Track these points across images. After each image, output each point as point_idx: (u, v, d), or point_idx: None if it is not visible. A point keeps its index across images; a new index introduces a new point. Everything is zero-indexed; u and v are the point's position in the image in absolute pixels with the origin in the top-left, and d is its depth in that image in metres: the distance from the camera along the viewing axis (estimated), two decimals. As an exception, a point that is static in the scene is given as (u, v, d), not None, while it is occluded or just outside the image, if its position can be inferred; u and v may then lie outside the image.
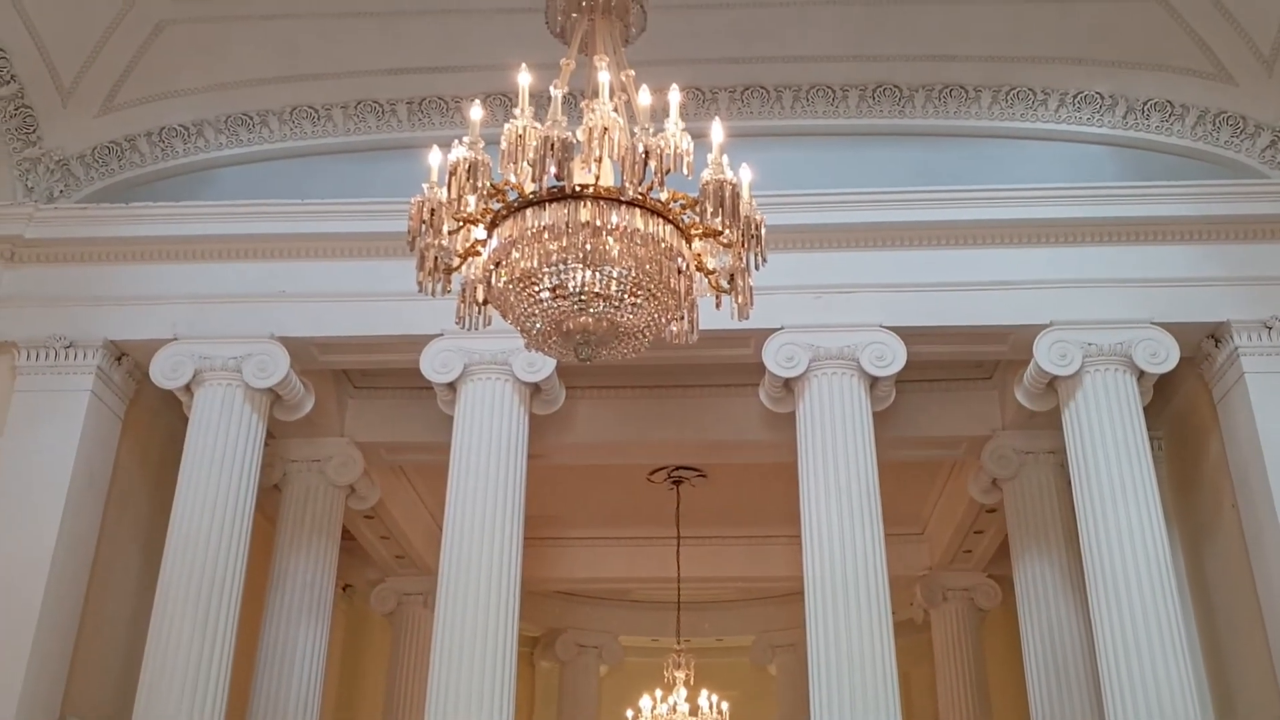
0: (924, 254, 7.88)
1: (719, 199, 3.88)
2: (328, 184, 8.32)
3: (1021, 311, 7.73)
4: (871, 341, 7.71)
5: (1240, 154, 7.96)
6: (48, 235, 8.09)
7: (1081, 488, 7.45)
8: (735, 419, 9.01)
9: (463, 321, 4.31)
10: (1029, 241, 7.85)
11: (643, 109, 4.00)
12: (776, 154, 7.77)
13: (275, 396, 8.09)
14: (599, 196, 3.86)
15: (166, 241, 8.11)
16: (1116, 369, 7.58)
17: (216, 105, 8.38)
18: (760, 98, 8.31)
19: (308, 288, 8.00)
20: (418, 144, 5.78)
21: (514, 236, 3.92)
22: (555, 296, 3.92)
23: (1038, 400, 8.05)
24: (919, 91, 8.26)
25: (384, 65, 8.20)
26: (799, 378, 7.75)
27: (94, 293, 8.04)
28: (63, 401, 7.76)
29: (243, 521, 7.65)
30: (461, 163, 3.87)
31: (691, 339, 4.39)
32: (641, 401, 9.22)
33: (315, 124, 8.49)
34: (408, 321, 7.76)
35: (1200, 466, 8.21)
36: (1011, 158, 8.21)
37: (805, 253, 7.77)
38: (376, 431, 9.48)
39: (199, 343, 7.91)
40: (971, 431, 9.20)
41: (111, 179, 8.49)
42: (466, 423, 7.75)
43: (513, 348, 7.48)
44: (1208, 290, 7.67)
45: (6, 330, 7.95)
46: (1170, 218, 7.76)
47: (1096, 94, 8.12)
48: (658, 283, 3.96)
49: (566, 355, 4.14)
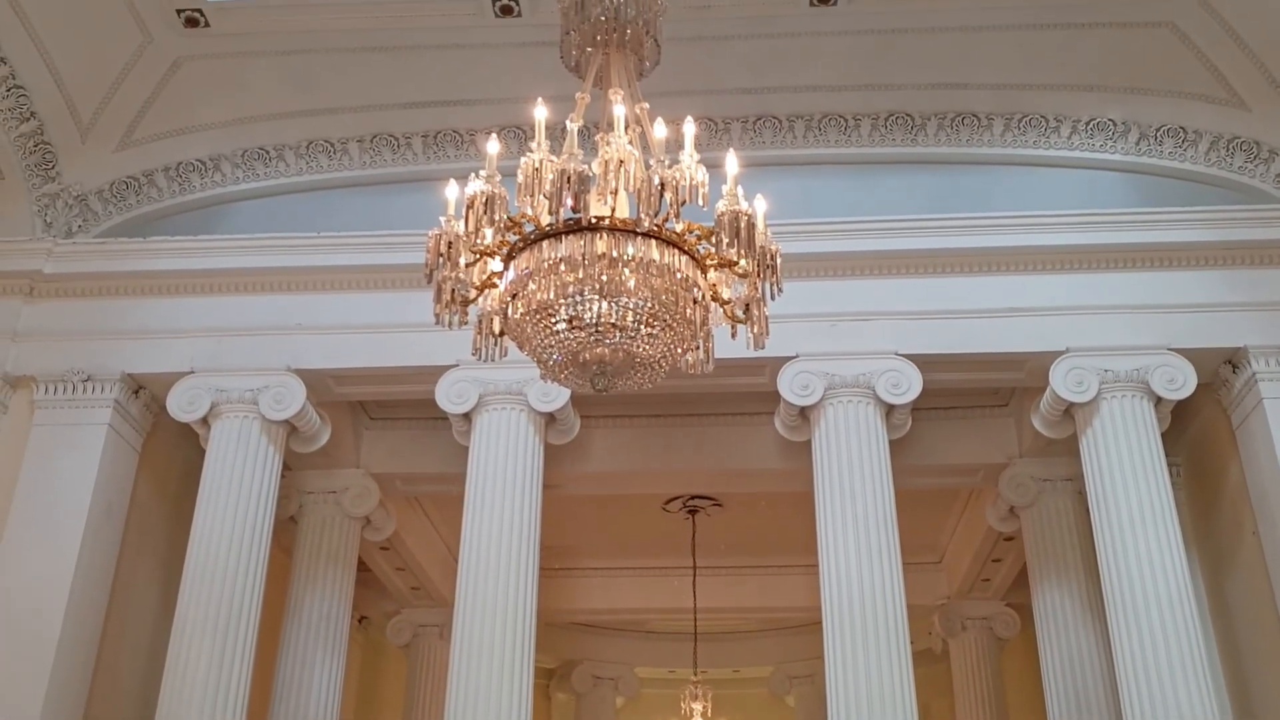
0: (939, 281, 7.88)
1: (734, 230, 3.90)
2: (344, 217, 8.38)
3: (1037, 338, 7.71)
4: (887, 369, 7.70)
5: (1254, 179, 7.95)
6: (66, 270, 8.16)
7: (1100, 515, 7.40)
8: (751, 448, 8.99)
9: (479, 353, 4.32)
10: (1044, 268, 7.84)
11: (658, 141, 4.02)
12: (790, 183, 7.81)
13: (291, 428, 8.11)
14: (615, 228, 3.87)
15: (184, 275, 8.17)
16: (1134, 395, 7.55)
17: (233, 140, 8.46)
18: (773, 127, 8.35)
19: (324, 320, 8.04)
20: (433, 176, 5.84)
21: (530, 268, 3.94)
22: (571, 328, 3.93)
23: (1055, 427, 8.01)
24: (931, 120, 8.29)
25: (399, 99, 8.28)
26: (814, 406, 7.73)
27: (111, 326, 8.09)
28: (80, 435, 7.80)
29: (259, 553, 7.65)
30: (479, 196, 3.89)
31: (707, 369, 4.40)
32: (656, 430, 9.21)
33: (331, 157, 8.57)
34: (423, 352, 7.79)
35: (1220, 492, 8.15)
36: (1025, 185, 8.22)
37: (819, 281, 7.77)
38: (392, 463, 9.49)
39: (216, 375, 7.95)
40: (988, 459, 9.16)
41: (129, 214, 8.56)
42: (481, 453, 7.75)
43: (528, 378, 7.49)
44: (1224, 315, 7.64)
45: (25, 364, 8.00)
46: (1185, 243, 7.75)
47: (1109, 120, 8.13)
48: (673, 313, 3.97)
49: (583, 386, 4.15)
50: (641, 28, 4.50)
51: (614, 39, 4.46)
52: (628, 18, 4.47)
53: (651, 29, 4.53)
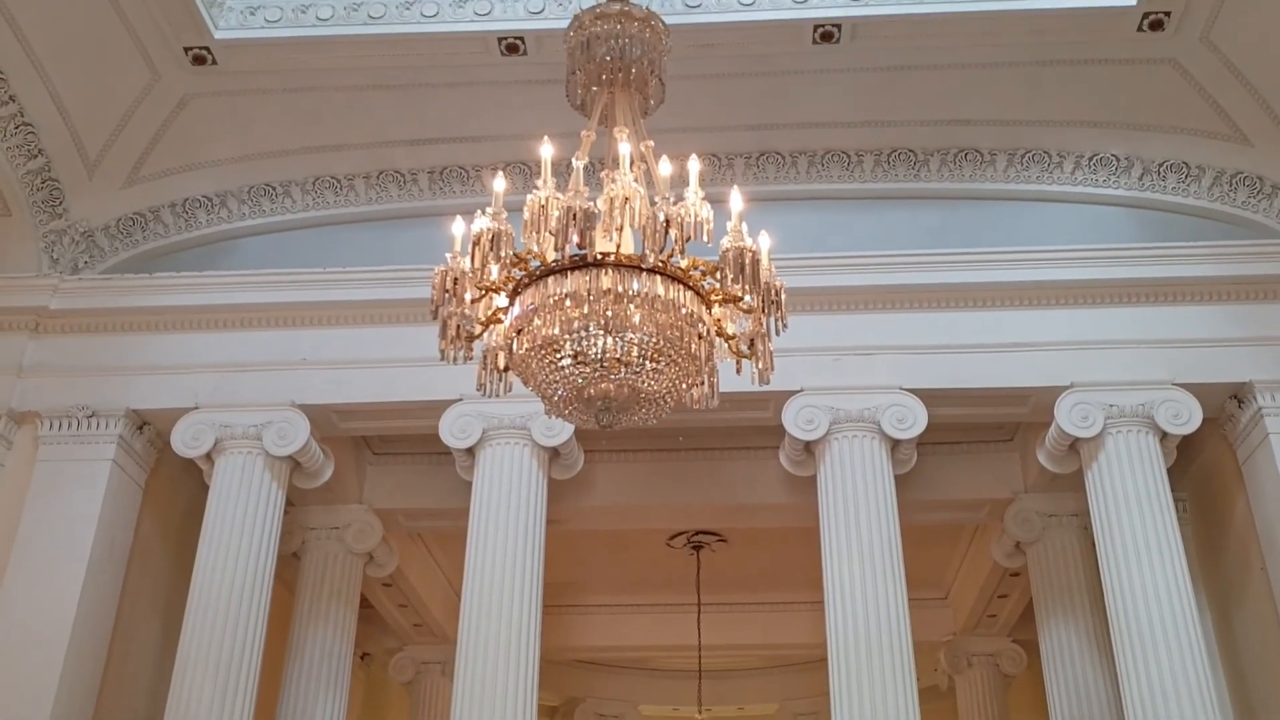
0: (943, 316, 7.89)
1: (739, 266, 3.92)
2: (350, 252, 8.41)
3: (1042, 373, 7.71)
4: (892, 404, 7.69)
5: (1258, 214, 7.97)
6: (72, 306, 8.19)
7: (1106, 550, 7.36)
8: (755, 482, 8.97)
9: (484, 389, 4.32)
10: (1048, 303, 7.85)
11: (662, 178, 4.05)
12: (793, 217, 7.84)
13: (295, 464, 8.11)
14: (620, 264, 3.89)
15: (189, 311, 8.19)
16: (1139, 430, 7.53)
17: (240, 176, 8.51)
18: (776, 163, 8.40)
19: (328, 355, 8.06)
20: (439, 212, 5.87)
21: (536, 304, 3.96)
22: (577, 363, 3.94)
23: (1060, 462, 7.99)
24: (934, 155, 8.33)
25: (406, 136, 8.33)
26: (819, 440, 7.72)
27: (117, 362, 8.11)
28: (84, 470, 7.79)
29: (262, 590, 7.62)
30: (485, 233, 3.91)
31: (712, 404, 4.39)
32: (660, 465, 9.19)
33: (338, 194, 8.61)
34: (427, 387, 7.79)
35: (1226, 528, 8.11)
36: (1029, 220, 8.25)
37: (824, 315, 7.78)
38: (395, 498, 9.46)
39: (220, 411, 7.95)
40: (994, 494, 9.13)
41: (135, 250, 8.60)
42: (485, 488, 7.73)
43: (531, 412, 7.49)
44: (1229, 350, 7.64)
45: (30, 400, 8.01)
46: (1190, 278, 7.77)
47: (1112, 156, 8.17)
48: (678, 348, 3.98)
49: (588, 422, 4.15)
50: (646, 67, 4.53)
51: (619, 78, 4.50)
52: (633, 57, 4.50)
53: (656, 68, 4.56)
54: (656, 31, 4.57)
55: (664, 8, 7.01)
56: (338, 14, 7.71)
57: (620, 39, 4.49)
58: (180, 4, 7.32)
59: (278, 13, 7.73)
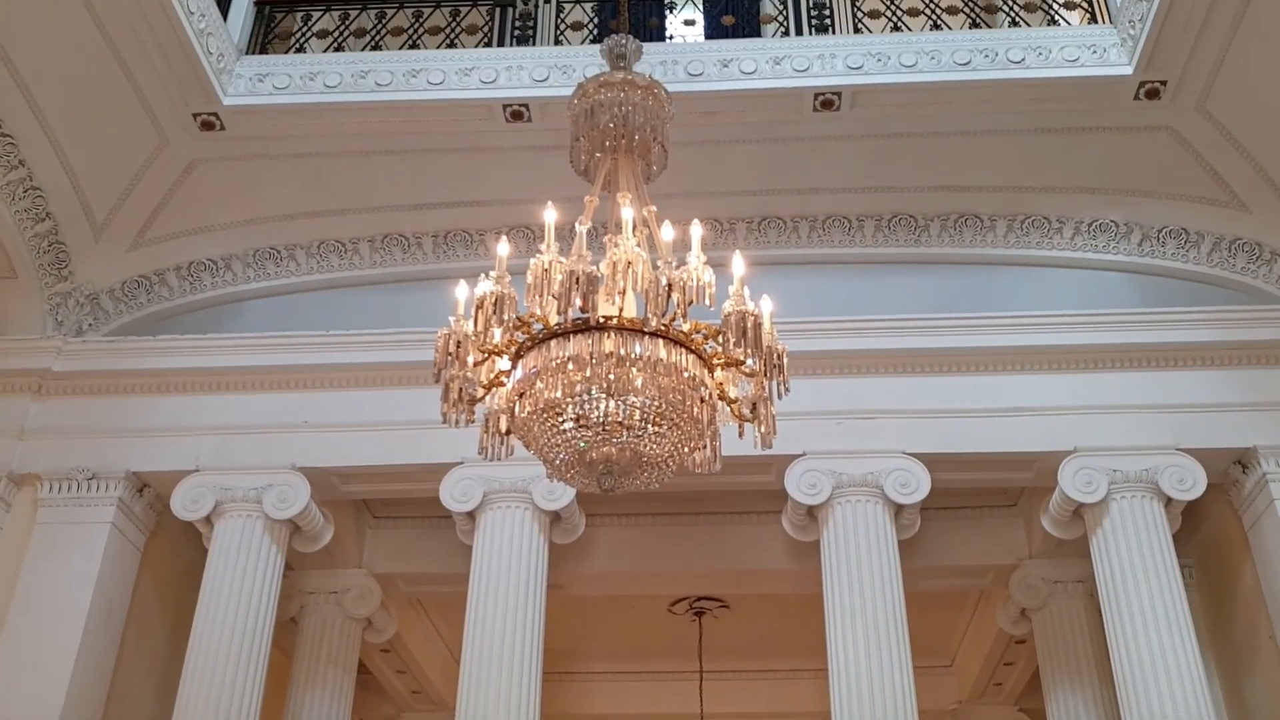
0: (945, 380, 7.89)
1: (741, 329, 3.93)
2: (353, 315, 8.44)
3: (1045, 438, 7.69)
4: (895, 468, 7.66)
5: (1257, 280, 8.00)
6: (75, 368, 8.19)
7: (1112, 618, 7.29)
8: (758, 548, 8.91)
9: (485, 452, 4.31)
10: (1050, 368, 7.85)
11: (665, 243, 4.08)
12: (794, 281, 7.88)
13: (295, 527, 8.06)
14: (623, 328, 3.91)
15: (192, 373, 8.19)
16: (1143, 496, 7.49)
17: (245, 240, 8.57)
18: (777, 228, 8.46)
19: (330, 418, 8.05)
20: (443, 275, 5.90)
21: (538, 367, 3.97)
22: (578, 426, 3.94)
23: (1065, 528, 7.94)
24: (934, 221, 8.39)
25: (410, 200, 8.40)
26: (822, 505, 7.68)
27: (118, 424, 8.09)
28: (83, 534, 7.74)
29: (259, 655, 7.53)
30: (488, 296, 3.94)
31: (715, 468, 4.38)
32: (662, 529, 9.13)
33: (342, 257, 8.67)
34: (428, 450, 7.76)
35: (1234, 595, 8.03)
36: (1029, 285, 8.28)
37: (826, 379, 7.78)
38: (395, 562, 9.40)
39: (220, 474, 7.92)
40: (998, 560, 9.06)
41: (139, 312, 8.63)
42: (485, 552, 7.68)
43: (533, 475, 7.45)
44: (1233, 415, 7.63)
45: (31, 462, 7.98)
46: (1191, 343, 7.78)
47: (1111, 222, 8.23)
48: (681, 412, 3.98)
49: (590, 486, 4.13)
50: (649, 134, 4.59)
51: (622, 145, 4.55)
52: (636, 124, 4.56)
53: (659, 135, 4.62)
54: (659, 99, 4.63)
55: (667, 76, 7.12)
56: (345, 81, 7.83)
57: (624, 106, 4.55)
58: (190, 71, 7.43)
59: (286, 80, 7.85)
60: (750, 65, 7.73)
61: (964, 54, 7.64)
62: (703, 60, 7.79)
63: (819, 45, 7.82)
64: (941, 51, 7.68)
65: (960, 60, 7.62)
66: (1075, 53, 7.56)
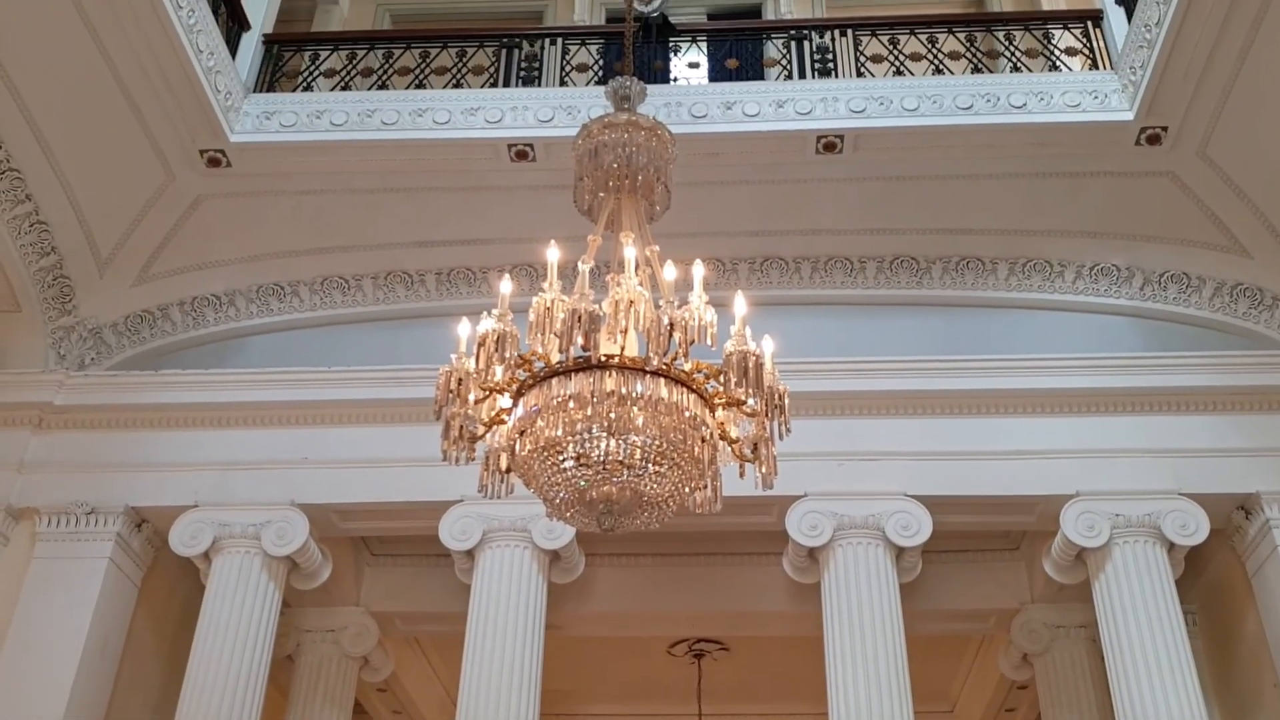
0: (947, 422, 7.88)
1: (742, 369, 3.93)
2: (356, 351, 8.44)
3: (1047, 481, 7.66)
4: (897, 510, 7.63)
5: (1259, 325, 8.01)
6: (77, 402, 8.19)
7: (1115, 664, 7.23)
8: (758, 589, 8.85)
9: (485, 490, 4.30)
10: (1052, 411, 7.84)
11: (667, 282, 4.09)
12: (795, 321, 7.88)
13: (293, 564, 8.02)
14: (624, 366, 3.90)
15: (193, 408, 8.19)
16: (1146, 541, 7.45)
17: (249, 276, 8.60)
18: (779, 268, 8.48)
19: (330, 454, 8.03)
20: (445, 313, 5.92)
21: (539, 405, 3.96)
22: (579, 465, 3.93)
23: (1067, 572, 7.89)
24: (936, 263, 8.41)
25: (414, 238, 8.44)
26: (823, 547, 7.64)
27: (118, 459, 8.08)
28: (80, 569, 7.70)
29: (255, 693, 7.47)
30: (490, 334, 3.94)
31: (715, 508, 4.35)
32: (662, 570, 9.08)
33: (345, 294, 8.69)
34: (428, 487, 7.73)
35: (1238, 642, 7.96)
36: (1031, 328, 8.29)
37: (827, 419, 7.76)
38: (392, 601, 9.34)
39: (219, 509, 7.89)
40: (1000, 604, 9.00)
41: (142, 347, 8.63)
42: (483, 592, 7.63)
43: (532, 514, 7.41)
44: (1235, 461, 7.60)
45: (30, 496, 7.95)
46: (1194, 388, 7.77)
47: (1113, 266, 8.25)
48: (681, 451, 3.97)
49: (589, 525, 4.11)
50: (652, 174, 4.60)
51: (625, 185, 4.56)
52: (639, 164, 4.57)
53: (662, 175, 4.63)
54: (663, 140, 4.65)
55: (671, 118, 7.18)
56: (351, 120, 7.90)
57: (627, 147, 4.56)
58: (198, 109, 7.50)
59: (293, 118, 7.93)
60: (753, 108, 7.80)
61: (966, 98, 7.71)
62: (706, 102, 7.86)
63: (822, 89, 7.89)
64: (943, 96, 7.74)
65: (962, 105, 7.69)
66: (1077, 98, 7.63)
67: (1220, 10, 6.62)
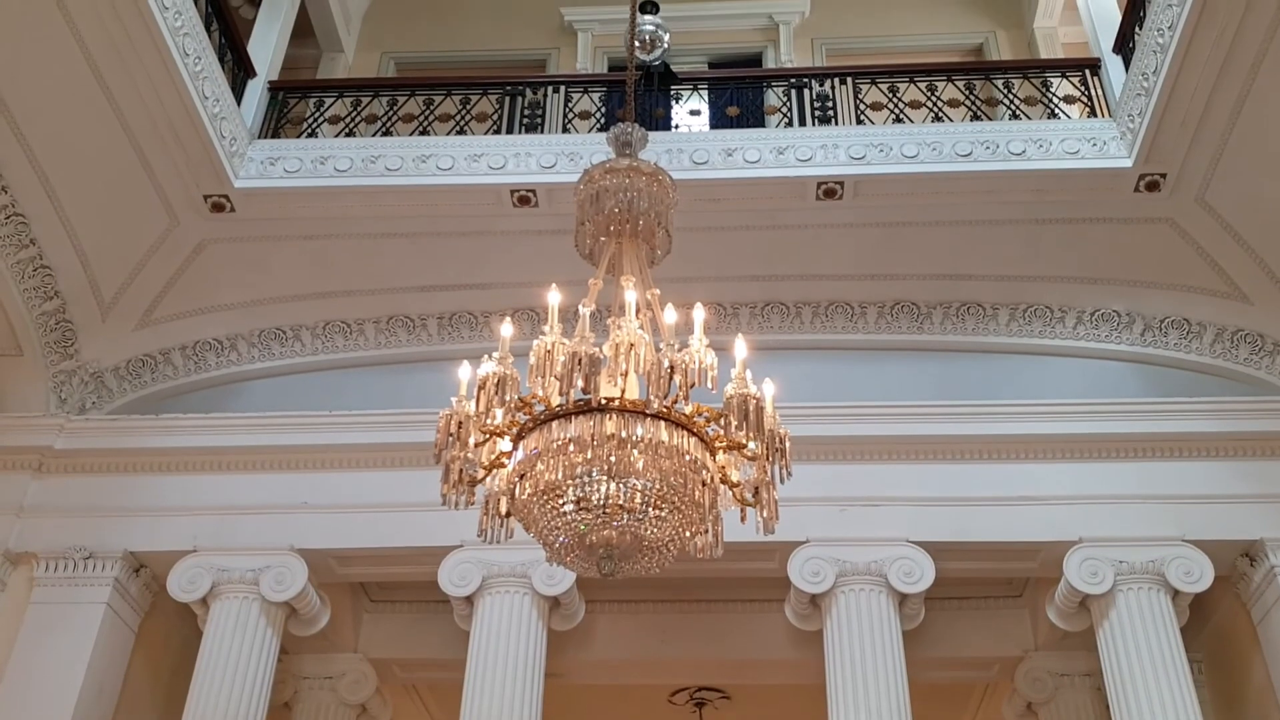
0: (949, 468, 7.85)
1: (743, 412, 3.93)
2: (357, 395, 8.44)
3: (1050, 527, 7.62)
4: (899, 557, 7.58)
5: (1260, 371, 8.01)
6: (77, 446, 8.17)
7: (1120, 713, 7.14)
8: (760, 637, 8.78)
9: (485, 534, 4.27)
10: (1055, 456, 7.81)
11: (667, 325, 4.09)
12: (796, 366, 7.88)
13: (291, 610, 7.96)
14: (624, 409, 3.90)
15: (193, 453, 8.17)
16: (1150, 588, 7.39)
17: (251, 320, 8.62)
18: (780, 313, 8.50)
19: (329, 499, 8.00)
20: (447, 357, 5.92)
21: (539, 448, 3.95)
22: (579, 509, 3.90)
23: (1071, 620, 7.83)
24: (936, 309, 8.43)
25: (417, 282, 8.47)
26: (826, 594, 7.59)
27: (117, 503, 8.05)
28: (78, 614, 7.64)
29: (251, 742, 7.39)
30: (490, 377, 3.94)
31: (716, 553, 4.33)
32: (663, 617, 9.01)
33: (347, 338, 8.71)
34: (427, 533, 7.69)
35: (1244, 691, 7.87)
36: (1032, 373, 8.29)
37: (829, 464, 7.74)
38: (391, 648, 9.26)
39: (218, 554, 7.84)
40: (1004, 652, 8.92)
41: (143, 391, 8.64)
42: (483, 638, 7.56)
43: (532, 559, 7.38)
44: (1239, 507, 7.56)
45: (28, 541, 7.91)
46: (1196, 434, 7.74)
47: (1114, 312, 8.26)
48: (682, 495, 3.95)
49: (589, 570, 4.08)
50: (653, 219, 4.62)
51: (627, 229, 4.58)
52: (640, 209, 4.60)
53: (663, 220, 4.66)
54: (664, 185, 4.68)
55: (672, 164, 7.24)
56: (355, 165, 7.96)
57: (629, 192, 4.59)
58: (203, 154, 7.56)
59: (297, 163, 7.99)
60: (754, 154, 7.86)
61: (965, 145, 7.76)
62: (707, 149, 7.92)
63: (822, 135, 7.96)
64: (943, 143, 7.80)
65: (961, 151, 7.74)
66: (1075, 145, 7.68)
67: (1217, 59, 6.69)
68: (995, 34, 10.85)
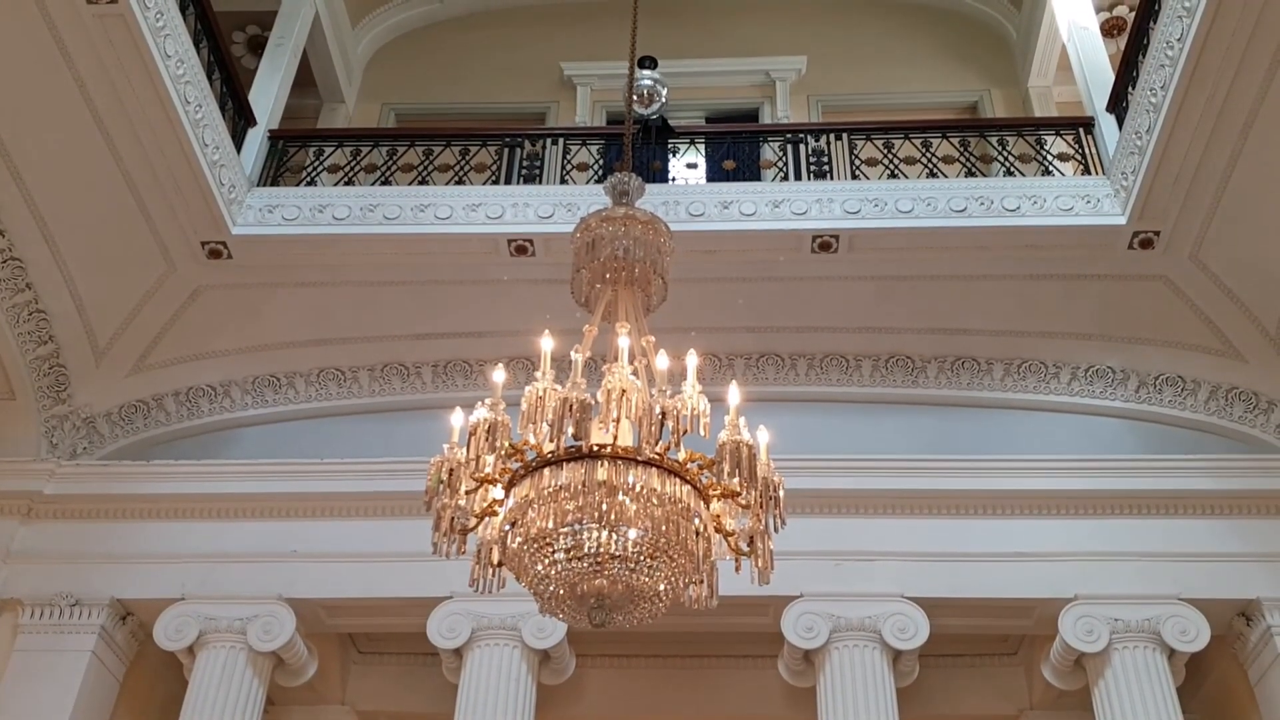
0: (944, 523, 7.80)
1: (736, 459, 3.89)
2: (350, 443, 8.40)
3: (1045, 584, 7.56)
4: (893, 613, 7.51)
5: (1255, 429, 7.99)
6: (67, 491, 8.12)
7: (1118, 774, 7.04)
8: (753, 693, 8.66)
9: (476, 584, 4.22)
10: (1049, 513, 7.78)
11: (661, 372, 4.07)
12: (791, 419, 7.82)
13: (278, 660, 7.85)
14: (616, 456, 3.86)
15: (183, 499, 8.11)
16: (1146, 646, 7.32)
17: (245, 367, 8.60)
18: (775, 365, 8.50)
19: (319, 547, 7.92)
20: (441, 405, 5.86)
21: (531, 496, 3.91)
22: (570, 558, 3.85)
23: (1066, 678, 7.74)
24: (931, 363, 8.44)
25: (412, 330, 8.47)
26: (819, 649, 7.50)
27: (105, 550, 7.97)
28: (62, 662, 7.54)
29: (234, 796, 7.26)
30: (482, 423, 3.92)
31: (711, 604, 4.27)
32: (655, 672, 8.90)
33: (341, 385, 8.68)
34: (416, 583, 7.62)
35: (1244, 754, 7.78)
36: (1027, 429, 8.27)
37: (823, 518, 7.69)
38: (378, 700, 9.13)
39: (205, 603, 7.75)
40: (998, 711, 8.80)
41: (135, 436, 8.59)
42: (471, 692, 7.45)
43: (522, 612, 7.30)
44: (1235, 566, 7.51)
45: (14, 587, 7.82)
46: (1192, 491, 7.71)
47: (1108, 368, 8.27)
48: (675, 544, 3.89)
49: (581, 621, 4.02)
50: (649, 266, 4.63)
51: (623, 277, 4.59)
52: (636, 257, 4.61)
53: (659, 268, 4.67)
54: (660, 234, 4.69)
55: (669, 216, 7.26)
56: (353, 214, 7.99)
57: (625, 240, 4.60)
58: (202, 202, 7.59)
59: (295, 211, 8.02)
60: (750, 207, 7.90)
61: (960, 201, 7.82)
62: (704, 201, 7.97)
63: (817, 189, 8.01)
64: (937, 198, 7.85)
65: (956, 207, 7.79)
66: (1069, 202, 7.73)
67: (1209, 118, 6.76)
68: (990, 92, 10.96)
